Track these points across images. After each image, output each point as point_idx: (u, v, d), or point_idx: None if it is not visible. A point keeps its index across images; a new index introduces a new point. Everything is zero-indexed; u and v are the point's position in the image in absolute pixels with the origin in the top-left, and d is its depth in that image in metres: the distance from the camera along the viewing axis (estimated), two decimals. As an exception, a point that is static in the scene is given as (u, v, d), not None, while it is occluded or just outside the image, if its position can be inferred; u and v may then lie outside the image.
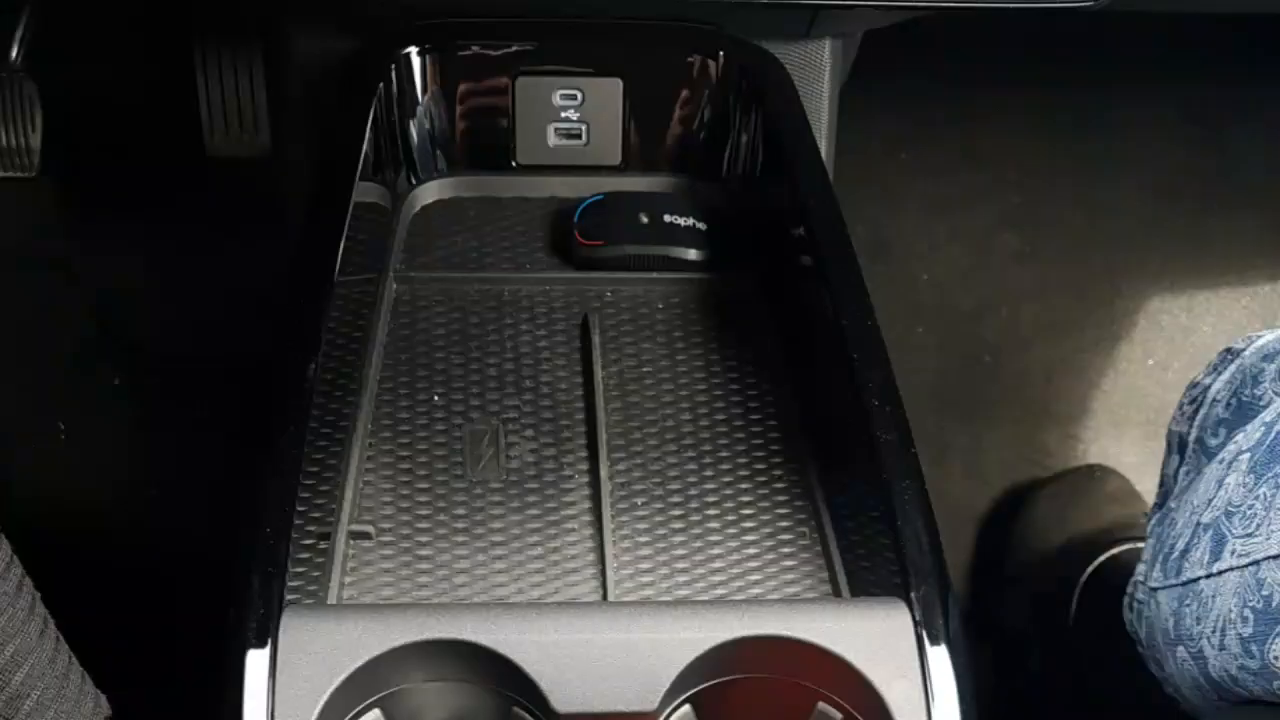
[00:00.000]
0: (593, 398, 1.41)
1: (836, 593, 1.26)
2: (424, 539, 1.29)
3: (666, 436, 1.39)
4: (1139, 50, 2.38)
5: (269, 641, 1.09)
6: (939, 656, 1.12)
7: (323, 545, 1.25)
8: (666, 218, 1.56)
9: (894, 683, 1.10)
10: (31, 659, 1.01)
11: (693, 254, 1.56)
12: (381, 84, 1.57)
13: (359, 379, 1.40)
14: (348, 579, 1.25)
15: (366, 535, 1.28)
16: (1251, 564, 1.18)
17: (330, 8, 1.63)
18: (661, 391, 1.43)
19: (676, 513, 1.32)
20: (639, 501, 1.33)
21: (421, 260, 1.56)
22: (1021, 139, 2.38)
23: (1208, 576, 1.25)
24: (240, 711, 1.06)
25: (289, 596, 1.16)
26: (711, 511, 1.33)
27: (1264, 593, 1.16)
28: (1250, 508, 1.21)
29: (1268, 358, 1.42)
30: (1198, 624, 1.25)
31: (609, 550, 1.28)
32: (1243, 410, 1.42)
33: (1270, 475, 1.20)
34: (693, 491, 1.34)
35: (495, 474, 1.35)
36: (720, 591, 1.26)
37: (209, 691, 1.12)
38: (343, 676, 1.08)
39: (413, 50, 1.60)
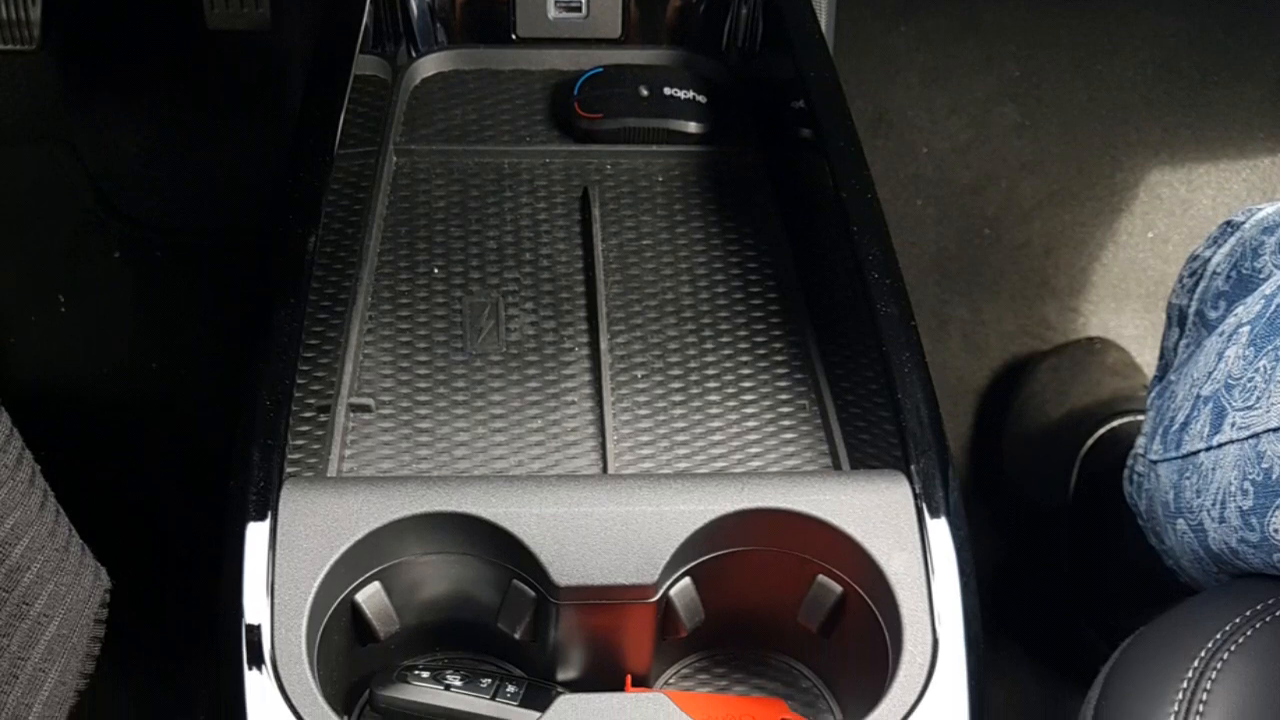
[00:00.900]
0: (592, 270, 1.39)
1: (836, 466, 1.25)
2: (424, 412, 1.28)
3: (666, 309, 1.37)
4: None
5: (269, 514, 1.08)
6: (939, 529, 1.11)
7: (322, 418, 1.24)
8: (666, 90, 1.53)
9: (894, 555, 1.09)
10: (31, 532, 1.00)
11: (692, 127, 1.53)
12: (381, -46, 1.54)
13: (358, 252, 1.38)
14: (347, 452, 1.23)
15: (366, 408, 1.27)
16: (1251, 437, 1.17)
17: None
18: (661, 264, 1.42)
19: (676, 386, 1.31)
20: (639, 374, 1.31)
21: (421, 133, 1.54)
22: (1022, 10, 2.35)
23: (1207, 449, 1.24)
24: (240, 584, 1.05)
25: (289, 469, 1.16)
26: (711, 385, 1.31)
27: (1264, 465, 1.15)
28: (1250, 380, 1.20)
29: (1267, 230, 1.40)
30: (1197, 497, 1.24)
31: (609, 423, 1.27)
32: (1242, 283, 1.41)
33: (1270, 348, 1.19)
34: (693, 364, 1.33)
35: (495, 347, 1.33)
36: (720, 464, 1.25)
37: (209, 565, 1.11)
38: (343, 549, 1.07)
39: (412, -80, 1.57)
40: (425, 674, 1.08)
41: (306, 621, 1.04)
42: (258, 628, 1.03)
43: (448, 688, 1.07)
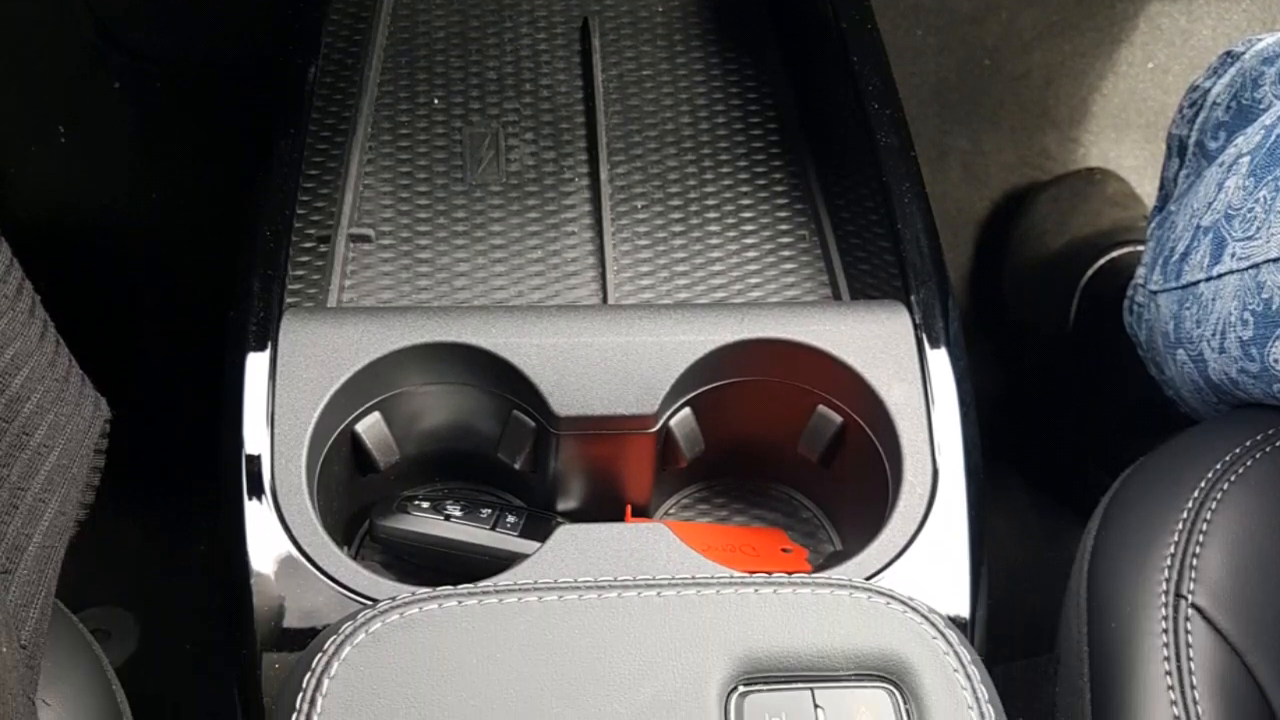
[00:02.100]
0: (592, 101, 1.36)
1: (836, 296, 1.22)
2: (424, 242, 1.25)
3: (666, 140, 1.34)
4: None
5: (269, 344, 1.07)
6: (939, 359, 1.10)
7: (323, 248, 1.22)
8: (667, -81, 1.49)
9: (894, 385, 1.08)
10: (31, 362, 0.98)
11: (693, -45, 1.49)
12: None
13: (358, 83, 1.35)
14: (348, 282, 1.21)
15: (366, 238, 1.24)
16: (1251, 267, 1.15)
17: None
18: (661, 95, 1.38)
19: (676, 216, 1.28)
20: (639, 205, 1.28)
21: (420, -38, 1.50)
22: None
23: (1207, 280, 1.22)
24: (240, 414, 1.04)
25: (289, 300, 1.14)
26: (711, 215, 1.28)
27: (1264, 296, 1.13)
28: (1250, 211, 1.18)
29: (1267, 61, 1.37)
30: (1197, 327, 1.22)
31: (609, 253, 1.24)
32: (1242, 113, 1.38)
33: (1270, 178, 1.17)
34: (693, 195, 1.30)
35: (495, 177, 1.30)
36: (720, 295, 1.22)
37: (209, 396, 1.10)
38: (343, 379, 1.06)
39: None
40: (425, 504, 1.07)
41: (306, 452, 1.02)
42: (257, 458, 1.02)
43: (448, 518, 1.06)
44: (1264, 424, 1.11)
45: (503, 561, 1.02)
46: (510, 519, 1.07)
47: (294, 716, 0.77)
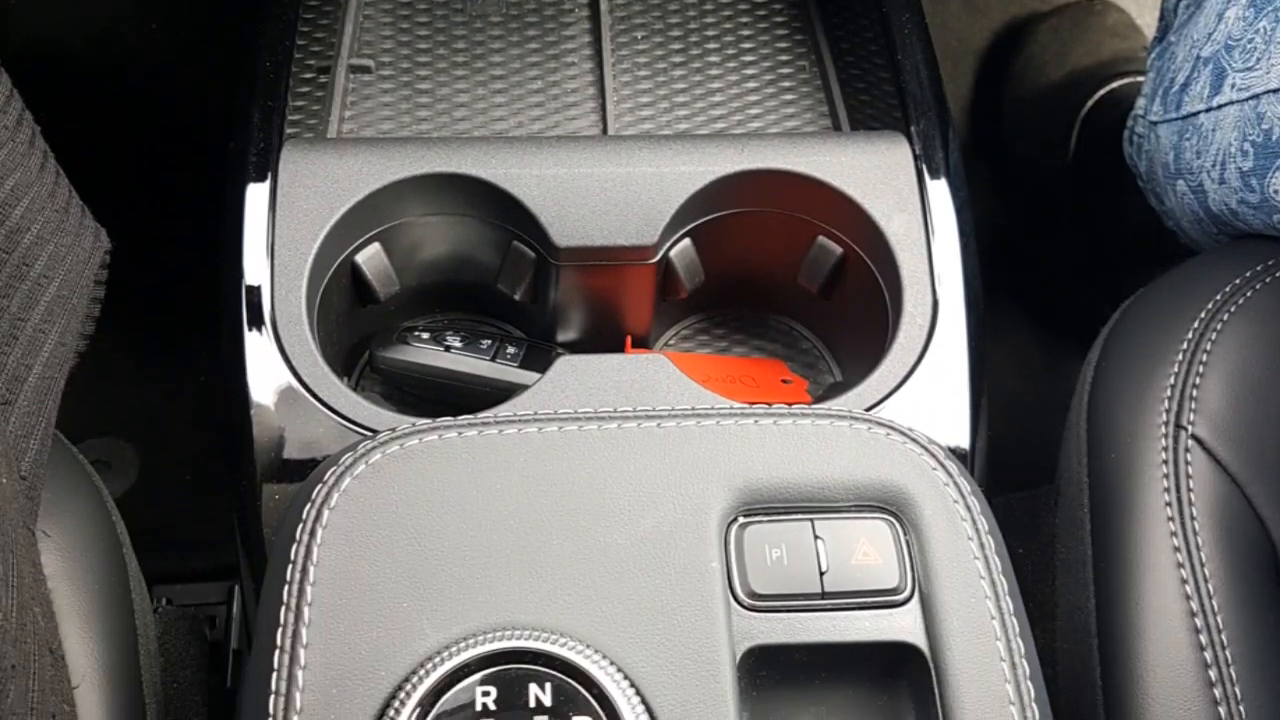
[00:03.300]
0: (592, -71, 1.32)
1: (836, 127, 1.19)
2: (424, 73, 1.22)
3: (667, -31, 1.30)
4: None
5: (269, 175, 1.04)
6: (939, 190, 1.07)
7: (322, 79, 1.19)
8: None
9: (894, 216, 1.05)
10: (31, 193, 0.95)
11: None
12: None
13: (357, -89, 1.30)
14: (347, 113, 1.18)
15: (366, 69, 1.21)
16: (1251, 98, 1.13)
17: None
18: (662, -77, 1.34)
19: (676, 46, 1.25)
20: (639, 35, 1.25)
21: None
22: None
23: (1207, 110, 1.19)
24: (240, 245, 1.02)
25: (289, 130, 1.12)
26: (711, 45, 1.25)
27: (1264, 127, 1.10)
28: (1250, 41, 1.15)
29: (1267, -111, 1.33)
30: (1197, 158, 1.20)
31: (609, 84, 1.21)
32: (1243, -58, 1.34)
33: (1270, 9, 1.14)
34: (693, 25, 1.26)
35: (495, 8, 1.27)
36: (720, 126, 1.19)
37: (209, 227, 1.07)
38: (343, 210, 1.03)
39: None
40: (425, 335, 1.05)
41: (306, 282, 1.00)
42: (257, 289, 1.00)
43: (448, 349, 1.04)
44: (1264, 255, 1.09)
45: (503, 392, 1.00)
46: (510, 350, 1.05)
47: (294, 547, 0.76)
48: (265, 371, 0.97)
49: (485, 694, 0.70)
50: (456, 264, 1.10)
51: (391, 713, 0.69)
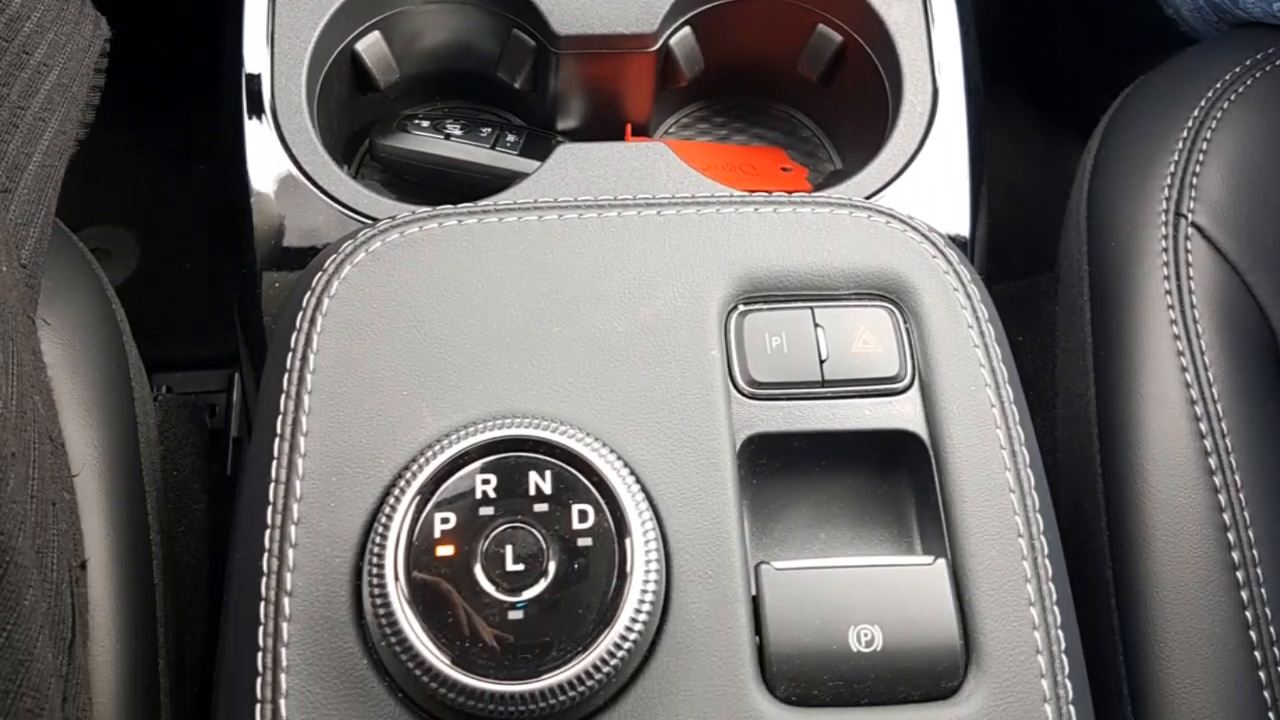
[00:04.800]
0: None
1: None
2: None
3: None
4: None
5: (268, -38, 1.00)
6: (940, -25, 1.03)
7: None
8: None
9: (894, 3, 1.02)
10: (29, -20, 0.91)
11: None
12: None
13: None
14: None
15: None
16: None
17: None
18: None
19: None
20: None
21: None
22: None
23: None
24: (240, 33, 0.98)
25: None
26: None
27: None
28: None
29: None
30: (1201, -56, 1.15)
31: None
32: None
33: None
34: None
35: None
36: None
37: (209, 14, 1.04)
38: (342, -2, 0.99)
39: None
40: (425, 123, 1.02)
41: (306, 70, 0.97)
42: (258, 77, 0.97)
43: (447, 136, 1.01)
44: (1264, 43, 1.06)
45: (502, 180, 0.97)
46: (510, 138, 1.02)
47: (294, 335, 0.73)
48: (265, 159, 0.94)
49: (485, 481, 0.68)
50: (456, 52, 1.06)
51: (392, 500, 0.67)
